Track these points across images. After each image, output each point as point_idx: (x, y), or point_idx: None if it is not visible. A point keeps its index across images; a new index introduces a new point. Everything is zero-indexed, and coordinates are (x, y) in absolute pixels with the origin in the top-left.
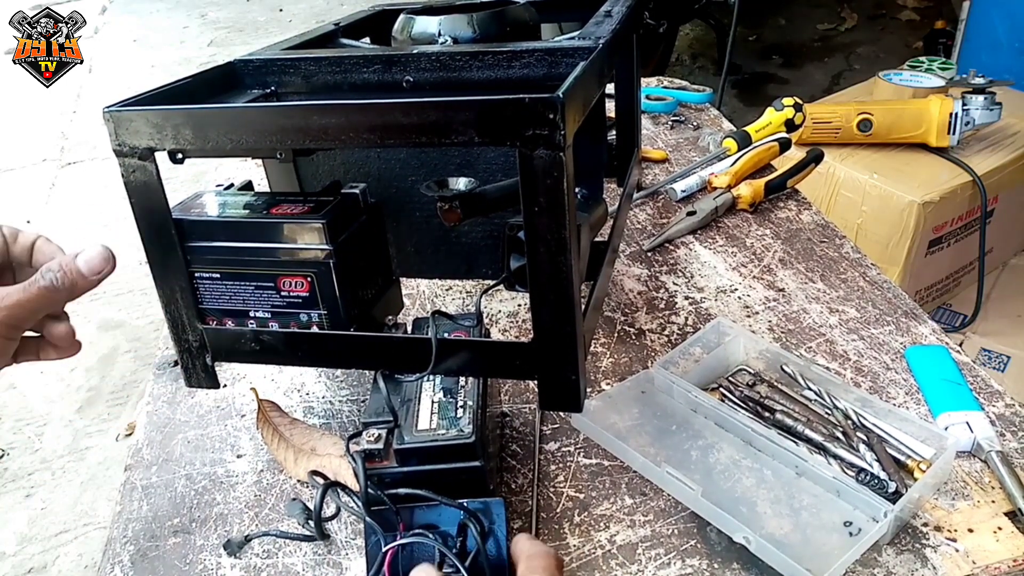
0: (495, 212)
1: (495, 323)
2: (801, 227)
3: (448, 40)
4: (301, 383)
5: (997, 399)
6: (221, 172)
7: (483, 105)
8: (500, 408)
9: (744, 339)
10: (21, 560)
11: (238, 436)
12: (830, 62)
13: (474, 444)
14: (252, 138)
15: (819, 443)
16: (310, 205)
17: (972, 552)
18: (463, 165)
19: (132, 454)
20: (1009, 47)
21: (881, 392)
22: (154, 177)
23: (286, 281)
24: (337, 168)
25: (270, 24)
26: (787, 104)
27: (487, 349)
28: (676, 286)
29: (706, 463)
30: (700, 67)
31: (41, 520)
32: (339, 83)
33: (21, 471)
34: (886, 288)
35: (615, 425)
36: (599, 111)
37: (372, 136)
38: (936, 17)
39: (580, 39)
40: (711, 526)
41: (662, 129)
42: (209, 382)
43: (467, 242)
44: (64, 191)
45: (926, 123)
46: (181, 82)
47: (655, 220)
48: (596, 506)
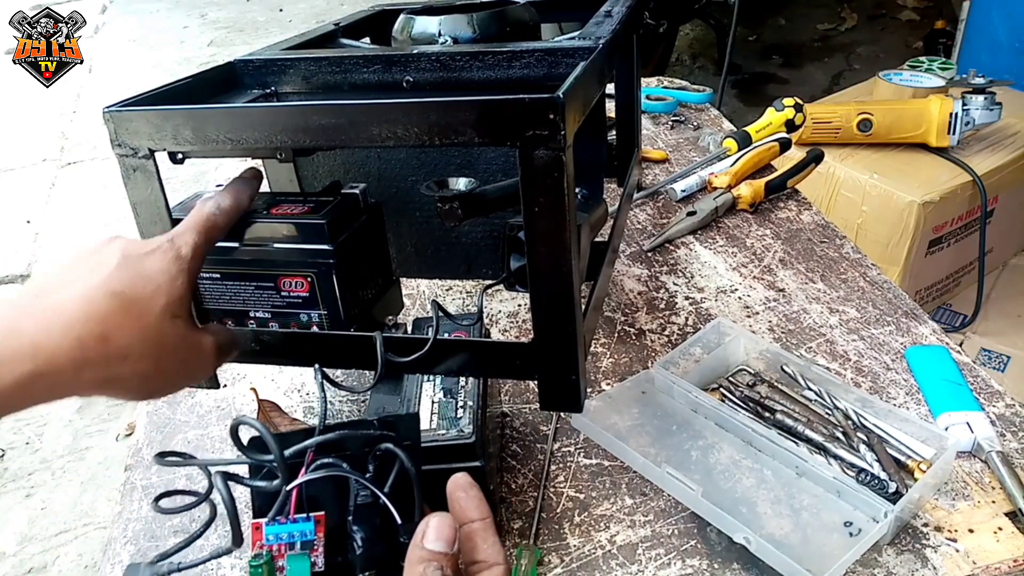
0: (495, 212)
1: (495, 323)
2: (801, 227)
3: (448, 40)
4: (301, 383)
5: (997, 399)
6: (221, 172)
7: (483, 105)
8: (500, 408)
9: (744, 339)
10: (21, 560)
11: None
12: (830, 62)
13: (474, 444)
14: (252, 138)
15: (819, 443)
16: (310, 205)
17: (972, 552)
18: (463, 165)
19: (132, 454)
20: (1009, 47)
21: (881, 392)
22: (154, 177)
23: (286, 281)
24: (337, 168)
25: (270, 24)
26: (787, 104)
27: (487, 349)
28: (676, 286)
29: (706, 463)
30: (700, 67)
31: (41, 520)
32: (339, 83)
33: (21, 471)
34: (886, 288)
35: (615, 425)
36: (599, 111)
37: (372, 136)
38: (936, 17)
39: (580, 39)
40: (711, 526)
41: (662, 129)
42: (209, 382)
43: (467, 242)
44: (64, 191)
45: (926, 123)
46: (181, 82)
47: (655, 220)
48: (596, 506)
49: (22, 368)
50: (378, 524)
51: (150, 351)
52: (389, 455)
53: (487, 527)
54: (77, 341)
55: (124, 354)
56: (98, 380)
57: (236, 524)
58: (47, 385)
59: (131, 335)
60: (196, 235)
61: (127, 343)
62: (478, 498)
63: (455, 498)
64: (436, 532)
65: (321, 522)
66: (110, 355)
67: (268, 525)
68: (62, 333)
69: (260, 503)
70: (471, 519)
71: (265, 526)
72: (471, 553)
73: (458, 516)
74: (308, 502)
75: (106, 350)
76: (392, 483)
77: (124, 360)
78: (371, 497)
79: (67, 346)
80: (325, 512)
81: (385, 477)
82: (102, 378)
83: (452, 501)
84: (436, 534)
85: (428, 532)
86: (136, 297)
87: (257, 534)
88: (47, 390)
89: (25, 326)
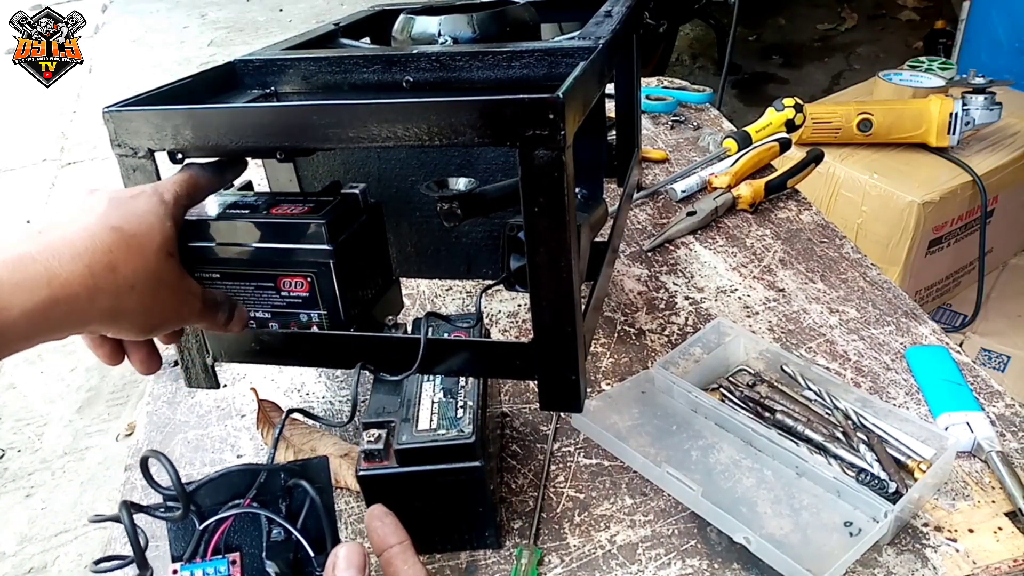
0: (495, 212)
1: (495, 323)
2: (801, 227)
3: (448, 40)
4: (301, 383)
5: (997, 399)
6: None
7: (483, 105)
8: (500, 408)
9: (744, 339)
10: (21, 560)
11: (238, 436)
12: (830, 62)
13: (474, 444)
14: (252, 138)
15: (819, 443)
16: (310, 205)
17: (972, 552)
18: (463, 165)
19: (132, 454)
20: (1009, 47)
21: (881, 392)
22: (154, 177)
23: (286, 281)
24: (337, 168)
25: (270, 24)
26: (787, 104)
27: (487, 349)
28: (676, 286)
29: (706, 463)
30: (700, 67)
31: (41, 520)
32: (339, 83)
33: (21, 471)
34: (886, 288)
35: (615, 425)
36: (599, 111)
37: (372, 136)
38: (936, 17)
39: (580, 39)
40: (711, 526)
41: (662, 129)
42: (209, 382)
43: (467, 242)
44: (64, 191)
45: (926, 123)
46: (181, 82)
47: (655, 220)
48: (596, 506)
49: (40, 294)
50: (291, 559)
51: (153, 284)
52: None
53: (406, 549)
54: (88, 269)
55: (131, 283)
56: (109, 310)
57: (139, 552)
58: (64, 312)
59: (135, 267)
60: (178, 187)
61: (132, 273)
62: (394, 524)
63: (372, 528)
64: (346, 561)
65: (236, 561)
66: (120, 284)
67: (184, 566)
68: (72, 262)
69: (177, 550)
70: (390, 544)
71: (181, 568)
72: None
73: (378, 544)
74: (225, 544)
75: (116, 279)
76: (304, 519)
77: (131, 290)
78: (284, 534)
79: (79, 273)
80: (241, 551)
81: (297, 514)
82: (113, 308)
83: (370, 531)
84: (346, 563)
85: (339, 562)
86: (134, 232)
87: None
88: (64, 317)
89: (37, 255)
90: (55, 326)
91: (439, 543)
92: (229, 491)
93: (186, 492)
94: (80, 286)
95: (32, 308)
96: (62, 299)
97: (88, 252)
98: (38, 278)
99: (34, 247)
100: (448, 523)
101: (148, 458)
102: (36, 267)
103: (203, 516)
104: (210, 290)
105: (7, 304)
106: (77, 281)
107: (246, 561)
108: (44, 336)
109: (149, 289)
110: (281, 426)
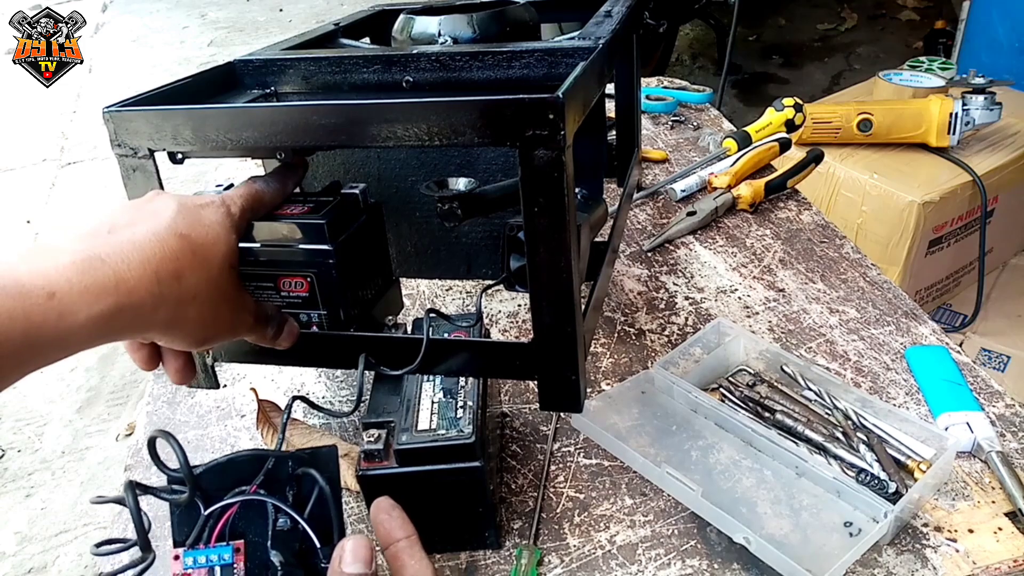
0: (495, 212)
1: (495, 323)
2: (801, 227)
3: (448, 40)
4: (301, 383)
5: (997, 399)
6: (221, 172)
7: (483, 105)
8: (500, 408)
9: (744, 339)
10: (21, 560)
11: (238, 436)
12: (830, 62)
13: (474, 444)
14: (252, 138)
15: (819, 443)
16: (310, 205)
17: (972, 552)
18: (463, 165)
19: (132, 454)
20: (1009, 47)
21: (881, 392)
22: (154, 177)
23: (286, 281)
24: (337, 168)
25: (270, 24)
26: (787, 104)
27: (487, 349)
28: (676, 286)
29: (706, 463)
30: (700, 67)
31: (41, 520)
32: (339, 83)
33: (21, 471)
34: (886, 288)
35: (615, 425)
36: (599, 111)
37: (372, 136)
38: (936, 17)
39: (580, 39)
40: (711, 526)
41: (662, 129)
42: (209, 382)
43: (467, 242)
44: (64, 191)
45: (926, 123)
46: (181, 82)
47: (655, 220)
48: (596, 506)
49: (107, 300)
50: (297, 549)
51: (214, 296)
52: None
53: (412, 544)
54: (155, 276)
55: (193, 294)
56: (168, 320)
57: (142, 533)
58: (128, 319)
59: (200, 277)
60: (244, 200)
61: (196, 284)
62: (401, 518)
63: (379, 521)
64: (353, 555)
65: (240, 549)
66: (183, 295)
67: (186, 551)
68: (141, 268)
69: (180, 535)
70: (397, 538)
71: (183, 553)
72: (400, 571)
73: (384, 538)
74: (229, 531)
75: (180, 289)
76: (311, 509)
77: (193, 301)
78: (290, 523)
79: (147, 280)
80: (245, 539)
81: (304, 504)
82: (172, 318)
83: (376, 525)
84: (353, 556)
85: (345, 556)
86: (201, 242)
87: (176, 563)
88: (127, 324)
89: (107, 257)
90: (116, 331)
91: (439, 543)
92: (235, 477)
93: (193, 475)
94: (147, 292)
95: (98, 314)
96: (127, 306)
97: (156, 258)
98: (106, 282)
99: (104, 248)
100: (448, 523)
101: (156, 438)
102: (105, 270)
103: (208, 501)
104: (262, 304)
105: (74, 309)
106: (144, 288)
107: (250, 549)
108: (104, 340)
109: (210, 301)
110: (287, 413)
